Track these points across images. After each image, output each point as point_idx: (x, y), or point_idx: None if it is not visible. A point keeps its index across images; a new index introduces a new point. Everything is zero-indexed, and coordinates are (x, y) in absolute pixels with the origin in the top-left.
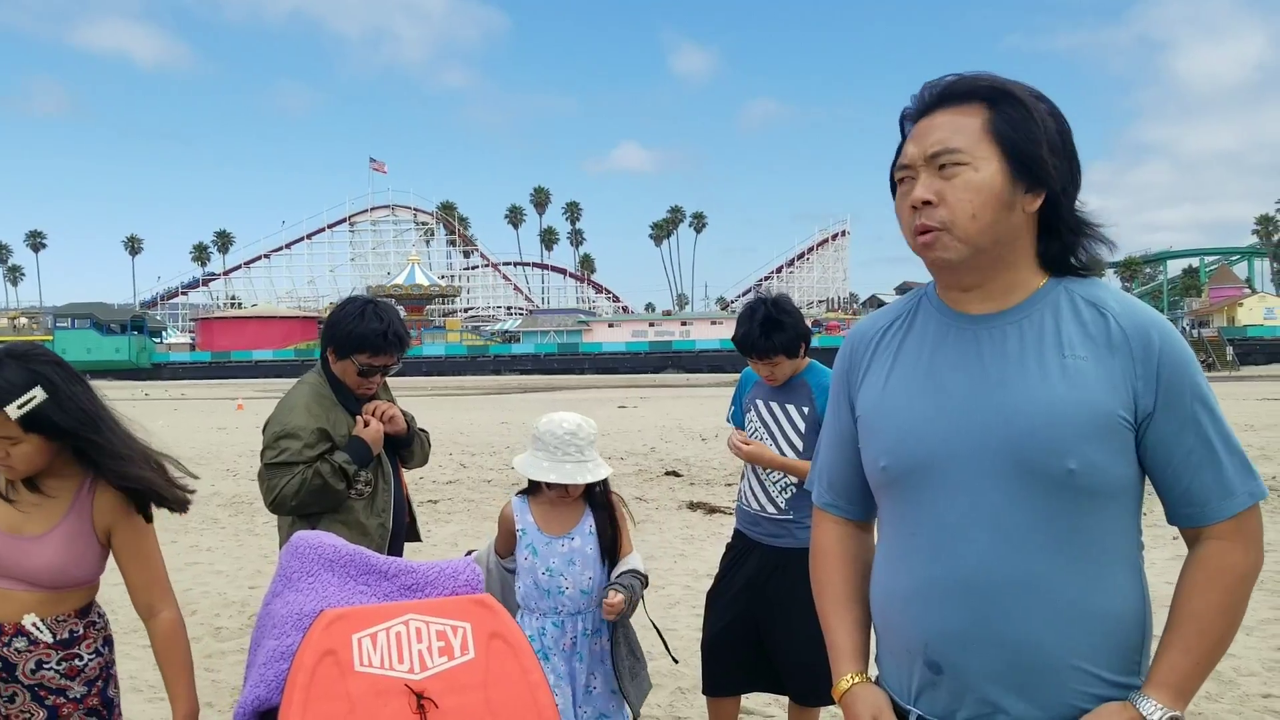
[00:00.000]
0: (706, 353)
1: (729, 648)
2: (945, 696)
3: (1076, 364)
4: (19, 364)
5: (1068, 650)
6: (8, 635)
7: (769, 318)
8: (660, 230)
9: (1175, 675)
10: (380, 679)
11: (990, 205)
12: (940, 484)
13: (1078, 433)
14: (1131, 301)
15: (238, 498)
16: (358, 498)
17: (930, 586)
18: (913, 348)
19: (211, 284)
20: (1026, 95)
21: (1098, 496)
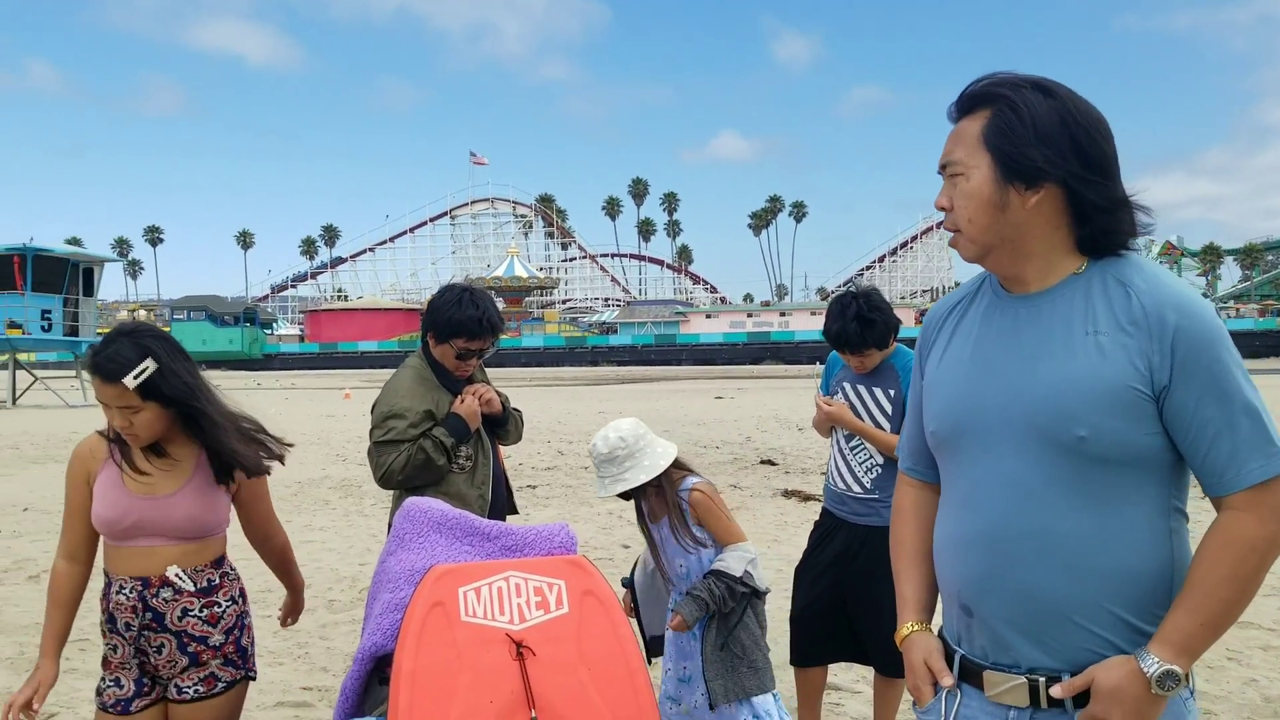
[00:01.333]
0: (806, 344)
1: (816, 620)
2: (978, 638)
3: (1097, 340)
4: (129, 340)
5: (1076, 601)
6: (155, 586)
7: (860, 314)
8: (759, 220)
9: (1179, 634)
10: (483, 628)
11: (982, 209)
12: (972, 447)
13: (1089, 404)
14: (1159, 280)
15: (347, 481)
16: (459, 471)
17: (961, 538)
18: (968, 325)
19: (319, 277)
20: (1022, 94)
21: (1113, 462)
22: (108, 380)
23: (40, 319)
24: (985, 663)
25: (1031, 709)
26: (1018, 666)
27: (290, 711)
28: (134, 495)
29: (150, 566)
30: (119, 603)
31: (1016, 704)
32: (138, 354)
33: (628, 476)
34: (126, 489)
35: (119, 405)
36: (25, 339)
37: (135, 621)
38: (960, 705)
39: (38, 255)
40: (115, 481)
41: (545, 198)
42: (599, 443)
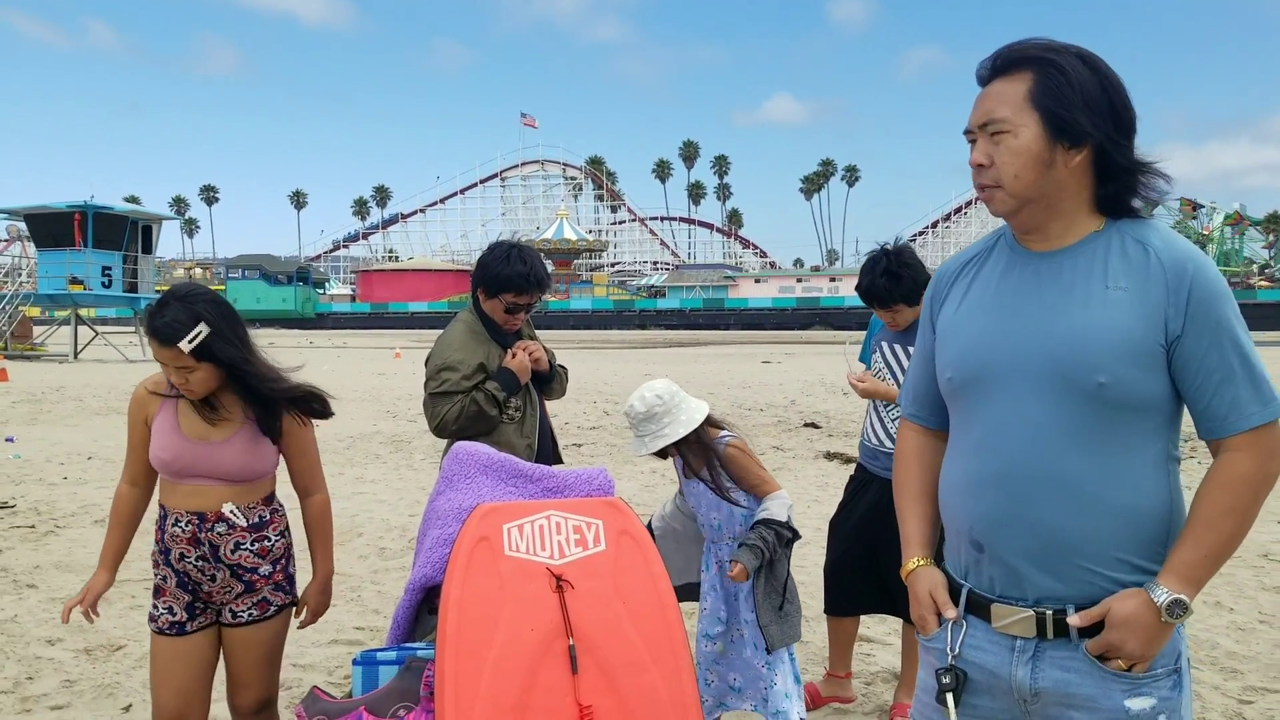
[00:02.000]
0: (855, 309)
1: (849, 572)
2: (986, 572)
3: (1116, 294)
4: (183, 304)
5: (1087, 536)
6: (210, 521)
7: (889, 270)
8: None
9: (1184, 566)
10: (526, 562)
11: (1030, 165)
12: (991, 392)
13: (1109, 352)
14: (1174, 239)
15: (397, 436)
16: (509, 422)
17: (976, 477)
18: (985, 278)
19: (371, 237)
20: (1067, 59)
21: (1125, 408)
22: (164, 344)
23: (101, 275)
24: (993, 596)
25: (1037, 639)
26: (1025, 599)
27: (344, 649)
28: (188, 439)
29: (205, 503)
30: (174, 534)
31: (1023, 634)
32: (191, 318)
33: (667, 432)
34: (182, 433)
35: (175, 365)
36: (86, 294)
37: (191, 552)
38: (965, 635)
39: (98, 213)
40: (171, 426)
41: (595, 160)
42: (636, 403)
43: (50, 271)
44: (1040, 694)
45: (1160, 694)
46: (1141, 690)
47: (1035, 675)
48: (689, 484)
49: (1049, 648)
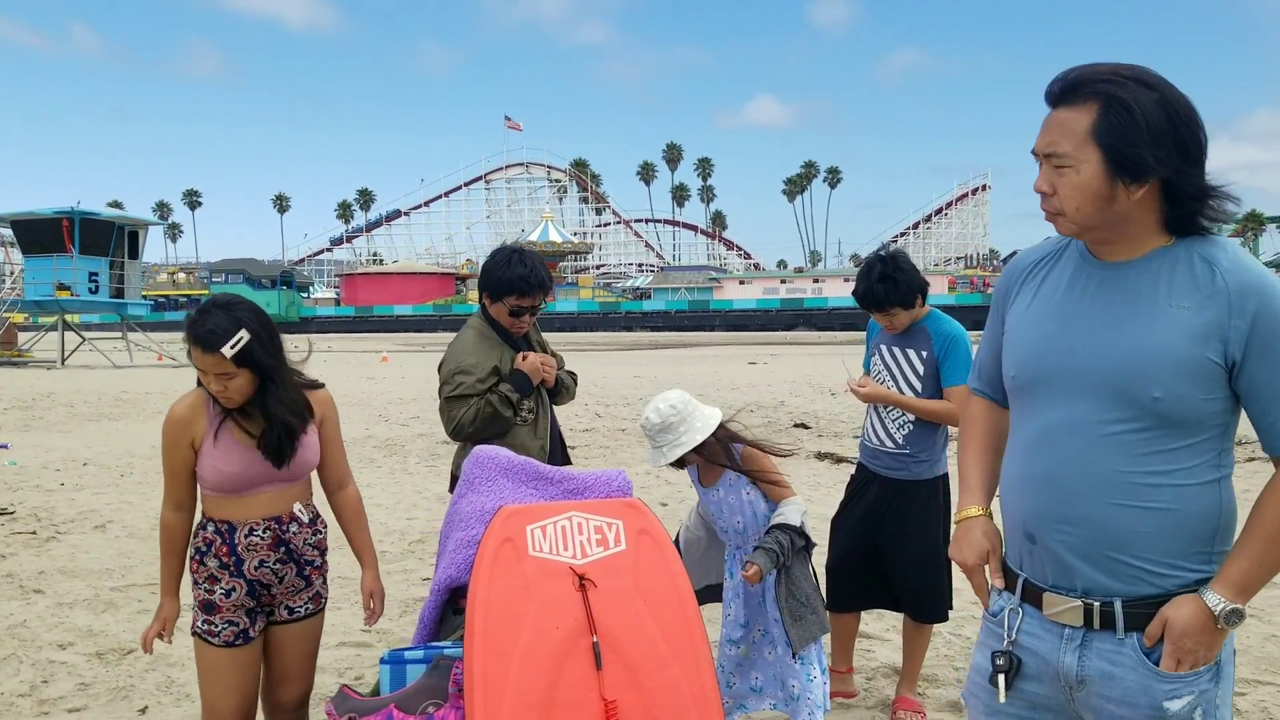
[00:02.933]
0: (839, 310)
1: (850, 569)
2: (1039, 563)
3: (1178, 312)
4: (224, 312)
5: (1134, 535)
6: (286, 523)
7: (884, 274)
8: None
9: (1238, 575)
10: (549, 562)
11: (1091, 200)
12: (1050, 394)
13: (1165, 369)
14: (1242, 261)
15: (390, 440)
16: (523, 424)
17: (1030, 474)
18: (1053, 281)
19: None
20: (1134, 94)
21: (1177, 420)
22: (207, 350)
23: (88, 281)
24: (1045, 585)
25: (1085, 629)
26: (1075, 590)
27: (352, 651)
28: (253, 450)
29: (280, 507)
30: (251, 544)
31: (1072, 624)
32: (233, 325)
33: (684, 440)
34: (243, 446)
35: (216, 372)
36: (74, 300)
37: (272, 557)
38: (1022, 622)
39: (85, 219)
40: (229, 441)
41: (579, 162)
42: (651, 415)
43: (38, 278)
44: (1085, 682)
45: (1199, 689)
46: (1181, 691)
47: (1081, 664)
48: (706, 493)
49: (1095, 638)
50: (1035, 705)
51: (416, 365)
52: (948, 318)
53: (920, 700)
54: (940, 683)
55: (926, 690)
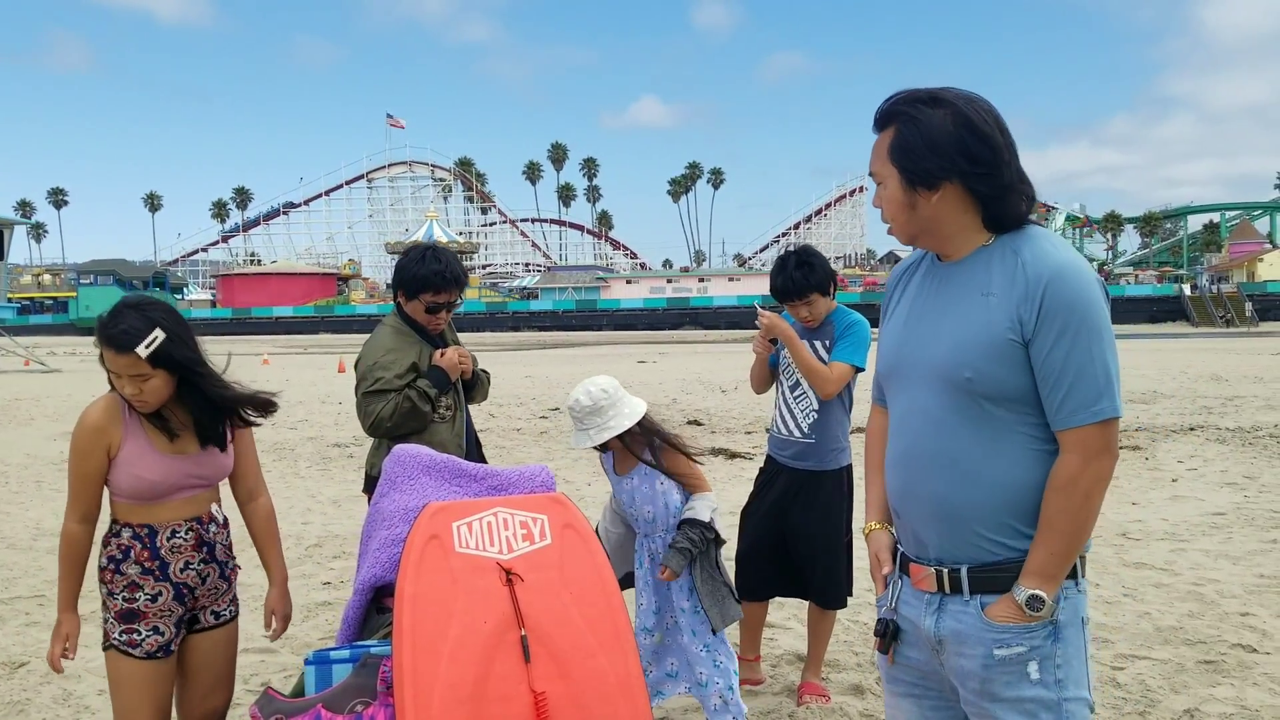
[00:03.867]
0: (724, 309)
1: (760, 558)
2: (904, 536)
3: (987, 299)
4: (137, 312)
5: (972, 506)
6: (206, 523)
7: (801, 262)
8: (678, 186)
9: (1036, 566)
10: (476, 558)
11: (899, 210)
12: (900, 385)
13: (974, 352)
14: (1044, 249)
15: (279, 444)
16: (441, 421)
17: (891, 457)
18: (913, 286)
19: (231, 241)
20: (920, 113)
21: (995, 398)
22: (121, 350)
23: None
24: (911, 557)
25: (940, 594)
26: (929, 559)
27: (256, 657)
28: (171, 457)
29: (199, 508)
30: (175, 546)
31: (929, 589)
32: (147, 325)
33: (612, 425)
34: (161, 453)
35: (130, 374)
36: None
37: (195, 557)
38: (899, 591)
39: None
40: (147, 447)
41: (464, 161)
42: (581, 396)
43: None
44: (943, 641)
45: (1032, 643)
46: (1010, 641)
47: (939, 625)
48: (620, 481)
49: (949, 601)
50: (920, 670)
51: (300, 368)
52: (853, 310)
53: (824, 684)
54: (842, 667)
55: (829, 675)
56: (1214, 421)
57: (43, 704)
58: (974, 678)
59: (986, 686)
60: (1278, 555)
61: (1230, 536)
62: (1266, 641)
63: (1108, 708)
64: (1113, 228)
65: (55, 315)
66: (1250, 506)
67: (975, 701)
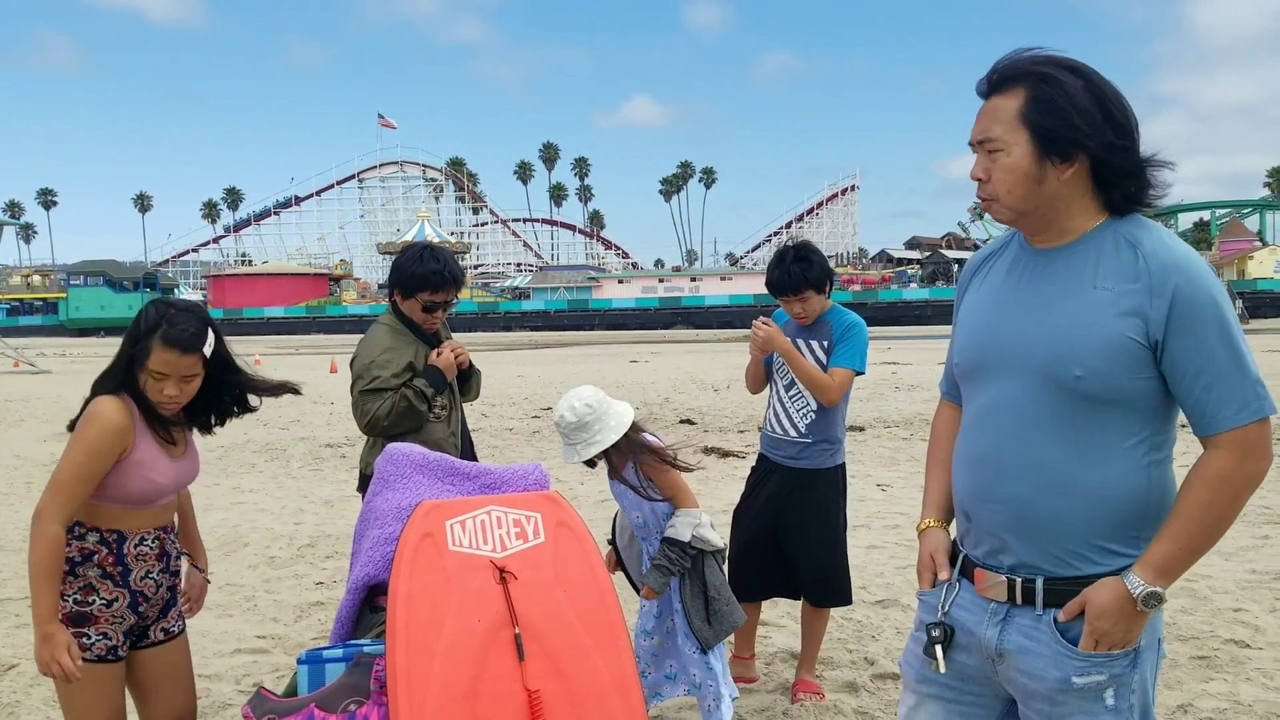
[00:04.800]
0: (716, 308)
1: (753, 558)
2: (974, 540)
3: (1101, 293)
4: (190, 314)
5: (1060, 514)
6: (169, 531)
7: (798, 257)
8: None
9: (1160, 558)
10: (469, 557)
11: (1022, 182)
12: (988, 378)
13: (1086, 348)
14: (1165, 243)
15: (271, 444)
16: (436, 420)
17: (968, 454)
18: (996, 272)
19: (222, 241)
20: (1059, 73)
21: (1102, 401)
22: (187, 351)
23: None
24: (979, 562)
25: (1008, 604)
26: (1002, 567)
27: (248, 658)
28: (173, 461)
29: (166, 518)
30: (141, 554)
31: (997, 599)
32: (203, 325)
33: (599, 439)
34: (167, 456)
35: (185, 374)
36: None
37: (156, 567)
38: (957, 595)
39: None
40: (158, 451)
41: (456, 161)
42: (566, 413)
43: None
44: (1004, 655)
45: (1112, 671)
46: (1090, 670)
47: (1002, 637)
48: (613, 484)
49: (1017, 614)
50: (964, 675)
51: (292, 368)
52: (849, 310)
53: (819, 682)
54: (836, 665)
55: (823, 673)
56: None
57: (33, 706)
58: (1043, 700)
59: (1057, 710)
60: (1269, 551)
61: None
62: (1259, 637)
63: None
64: None
65: (45, 316)
66: None
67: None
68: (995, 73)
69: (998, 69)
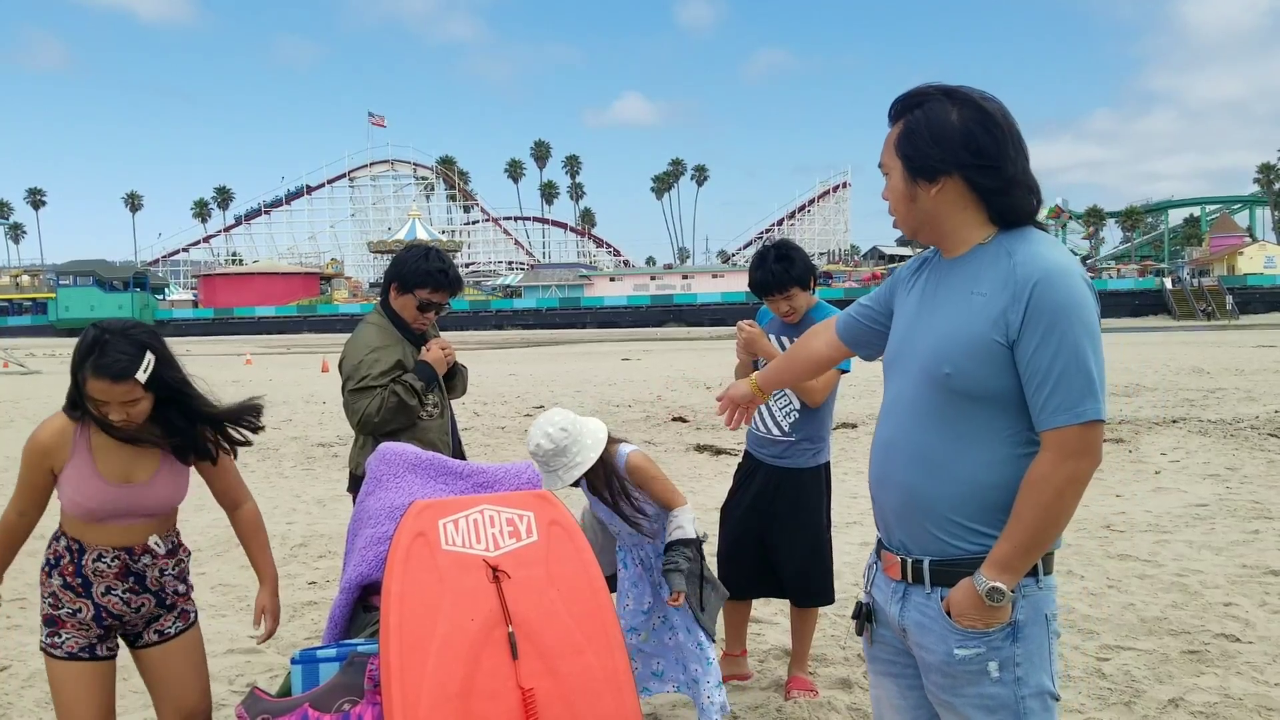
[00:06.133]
0: (708, 306)
1: (742, 557)
2: (880, 522)
3: (976, 299)
4: (124, 338)
5: (937, 499)
6: (137, 555)
7: (780, 256)
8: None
9: (1000, 557)
10: (463, 556)
11: (900, 201)
12: (891, 375)
13: (956, 348)
14: (1037, 250)
15: (262, 444)
16: (429, 418)
17: (874, 443)
18: (921, 281)
19: (213, 240)
20: (929, 106)
21: (971, 396)
22: (119, 379)
23: None
24: (884, 544)
25: (905, 583)
26: (898, 547)
27: (241, 658)
28: (110, 484)
29: (131, 539)
30: (98, 570)
31: (895, 578)
32: (138, 349)
33: (579, 461)
34: (103, 479)
35: (124, 400)
36: None
37: (119, 585)
38: (875, 575)
39: None
40: (90, 472)
41: (446, 159)
42: (542, 441)
43: None
44: (906, 630)
45: (991, 644)
46: (969, 642)
47: (902, 614)
48: (595, 499)
49: (912, 591)
50: (897, 651)
51: (283, 368)
52: (834, 308)
53: (812, 679)
54: (829, 661)
55: (817, 669)
56: (1196, 414)
57: (25, 708)
58: (936, 671)
59: (948, 681)
60: (1260, 546)
61: (1213, 527)
62: (1249, 631)
63: (1093, 698)
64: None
65: (34, 316)
66: (1232, 498)
67: (937, 693)
68: (894, 104)
69: (894, 103)
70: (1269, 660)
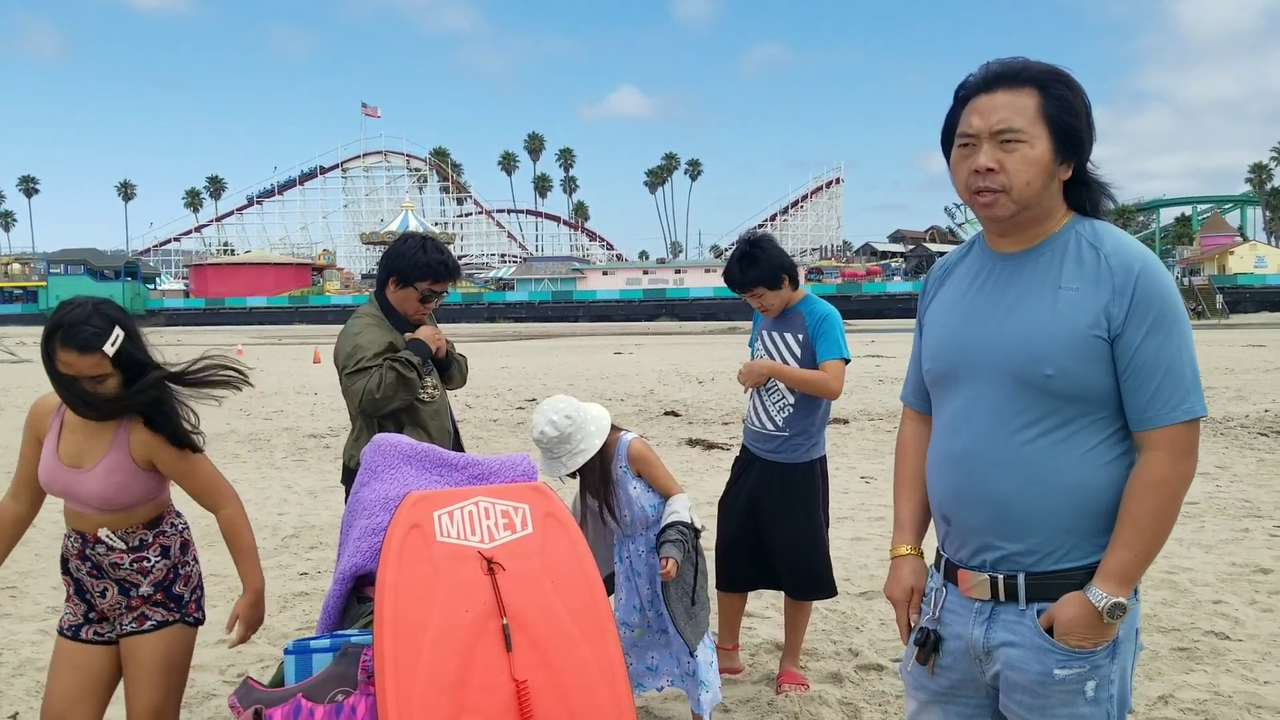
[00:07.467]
0: (701, 300)
1: (739, 550)
2: (955, 542)
3: (1068, 294)
4: (94, 311)
5: (1036, 509)
6: (90, 542)
7: (745, 254)
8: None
9: (1118, 566)
10: (457, 547)
11: (1040, 175)
12: (958, 382)
13: (1056, 348)
14: (1125, 243)
15: (254, 435)
16: (429, 401)
17: (942, 458)
18: (959, 278)
19: (204, 230)
20: (1069, 80)
21: (1073, 397)
22: (85, 351)
23: None
24: (960, 564)
25: (992, 602)
26: (984, 566)
27: (232, 648)
28: (60, 465)
29: (84, 525)
30: (68, 548)
31: (981, 598)
32: (107, 323)
33: (584, 447)
34: (58, 458)
35: (92, 374)
36: None
37: (81, 566)
38: (945, 600)
39: None
40: (52, 448)
41: (440, 151)
42: (547, 428)
43: None
44: (991, 653)
45: (1093, 663)
46: (1071, 663)
47: (988, 635)
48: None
49: (1001, 610)
50: (956, 682)
51: (275, 358)
52: (821, 300)
53: (803, 673)
54: (820, 656)
55: (808, 664)
56: None
57: (16, 696)
58: (1025, 692)
59: (1037, 701)
60: (1249, 544)
61: (1203, 525)
62: (1239, 629)
63: None
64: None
65: (25, 305)
66: (1222, 496)
67: (1019, 713)
68: (999, 68)
69: (1003, 64)
70: (1258, 658)
